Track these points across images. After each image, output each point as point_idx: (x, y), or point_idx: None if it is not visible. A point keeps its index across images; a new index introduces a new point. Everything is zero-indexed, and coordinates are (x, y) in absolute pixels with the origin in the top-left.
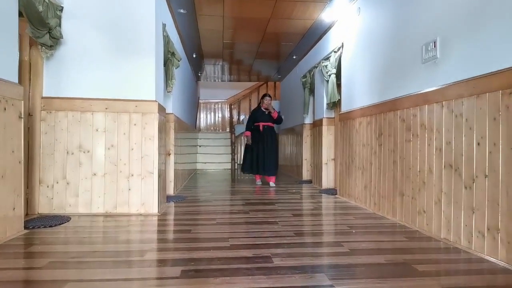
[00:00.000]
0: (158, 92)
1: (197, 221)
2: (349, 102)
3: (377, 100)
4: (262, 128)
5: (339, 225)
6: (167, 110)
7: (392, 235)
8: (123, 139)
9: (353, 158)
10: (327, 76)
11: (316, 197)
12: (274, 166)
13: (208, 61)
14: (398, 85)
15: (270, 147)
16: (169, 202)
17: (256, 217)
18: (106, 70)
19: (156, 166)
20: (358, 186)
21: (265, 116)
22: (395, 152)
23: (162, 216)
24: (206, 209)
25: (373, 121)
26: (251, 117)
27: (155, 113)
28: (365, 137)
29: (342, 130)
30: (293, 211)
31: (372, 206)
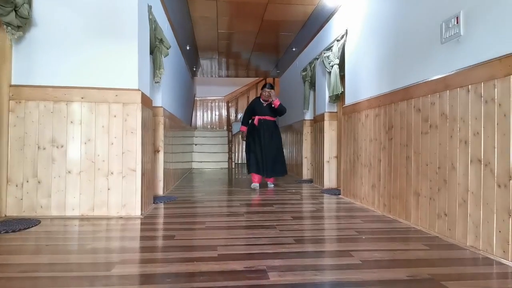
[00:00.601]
0: (142, 81)
1: (184, 225)
2: (354, 94)
3: (386, 89)
4: (258, 122)
5: (346, 229)
6: (156, 103)
7: (408, 242)
8: (102, 133)
9: (358, 154)
10: (329, 67)
11: (318, 198)
12: (275, 166)
13: (203, 55)
14: (412, 71)
15: (269, 143)
16: (157, 203)
17: (251, 220)
18: (83, 55)
19: (139, 163)
20: (364, 185)
21: (264, 108)
22: (408, 147)
23: (146, 220)
24: (196, 211)
25: (382, 113)
26: (248, 109)
27: (138, 104)
28: (372, 131)
29: (346, 124)
30: (293, 213)
31: (381, 207)
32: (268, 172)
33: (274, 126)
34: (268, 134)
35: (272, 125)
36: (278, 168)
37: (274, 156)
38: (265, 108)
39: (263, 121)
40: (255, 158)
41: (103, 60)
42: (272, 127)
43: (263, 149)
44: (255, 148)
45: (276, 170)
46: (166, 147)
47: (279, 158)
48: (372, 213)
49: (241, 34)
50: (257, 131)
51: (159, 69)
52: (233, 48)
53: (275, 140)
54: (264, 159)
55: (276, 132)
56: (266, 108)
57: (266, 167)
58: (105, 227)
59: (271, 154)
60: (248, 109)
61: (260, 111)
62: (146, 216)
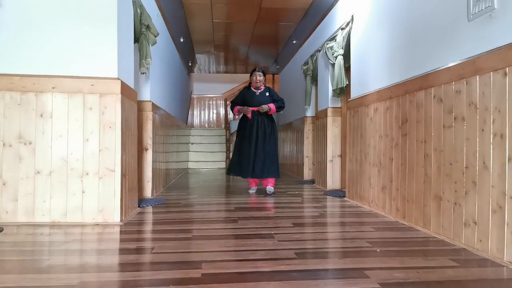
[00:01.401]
0: (123, 69)
1: (167, 234)
2: (361, 86)
3: (399, 78)
4: (252, 114)
5: (356, 240)
6: (143, 97)
7: (432, 257)
8: (76, 128)
9: (366, 153)
10: (333, 58)
11: (321, 200)
12: (268, 165)
13: (199, 48)
14: (431, 56)
15: (263, 142)
16: (143, 206)
17: (246, 227)
18: (55, 39)
19: (118, 162)
20: (373, 187)
21: (257, 98)
22: (427, 143)
23: (125, 227)
24: (185, 217)
25: (394, 106)
26: (238, 97)
27: (117, 95)
28: (382, 126)
29: (352, 120)
30: (293, 218)
31: (393, 212)
32: (256, 172)
33: (270, 121)
34: (264, 130)
35: (268, 120)
36: (271, 168)
37: (266, 157)
38: (258, 98)
39: (257, 114)
40: (240, 158)
41: (77, 45)
42: (268, 122)
43: (255, 147)
44: (244, 146)
45: (269, 170)
46: (156, 145)
47: (274, 158)
48: (383, 219)
49: (238, 24)
50: (249, 126)
51: (146, 59)
52: (230, 41)
53: (270, 139)
54: (254, 159)
55: (272, 128)
56: (260, 98)
57: (254, 167)
58: (76, 237)
59: (264, 154)
60: (238, 98)
61: (252, 102)
62: (127, 222)
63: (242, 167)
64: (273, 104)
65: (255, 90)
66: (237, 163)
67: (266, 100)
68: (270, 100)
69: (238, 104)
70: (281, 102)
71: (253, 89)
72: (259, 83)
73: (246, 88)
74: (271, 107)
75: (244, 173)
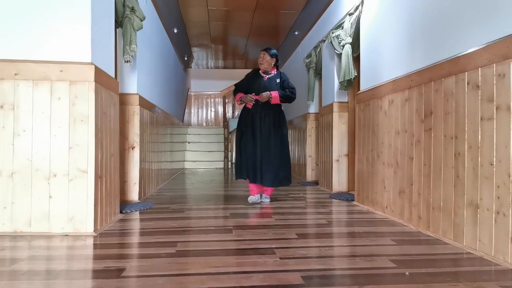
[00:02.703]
0: (98, 52)
1: (147, 248)
2: (373, 76)
3: (421, 64)
4: (255, 102)
5: (376, 257)
6: (129, 89)
7: (477, 282)
8: (41, 121)
9: (379, 151)
10: (340, 48)
11: (327, 205)
12: (276, 171)
13: (195, 41)
14: (464, 34)
15: (268, 138)
16: (126, 212)
17: (242, 239)
18: (17, 17)
19: (92, 161)
20: (388, 190)
21: (263, 84)
22: (458, 139)
23: (100, 239)
24: (172, 225)
25: (414, 96)
26: (242, 85)
27: (90, 82)
28: (400, 120)
29: (362, 114)
30: (297, 228)
31: (415, 221)
32: (264, 178)
33: (277, 112)
34: (268, 124)
35: (274, 111)
36: (281, 174)
37: (275, 157)
38: (265, 84)
39: (261, 104)
40: (246, 158)
41: (45, 25)
42: (275, 113)
43: (259, 146)
44: (247, 143)
45: (279, 177)
46: (145, 143)
47: (283, 160)
48: (402, 229)
49: (236, 12)
50: (251, 119)
51: (130, 45)
52: (228, 32)
53: (278, 134)
54: (260, 159)
55: (280, 121)
56: (266, 85)
57: (262, 171)
58: (36, 251)
59: (271, 154)
60: (241, 85)
61: (256, 89)
62: (103, 233)
63: (249, 170)
64: (276, 92)
65: (264, 75)
66: (245, 165)
67: (274, 88)
68: (279, 88)
69: (241, 89)
70: (290, 90)
71: (261, 73)
72: (265, 65)
73: (254, 72)
74: (273, 95)
75: (252, 178)
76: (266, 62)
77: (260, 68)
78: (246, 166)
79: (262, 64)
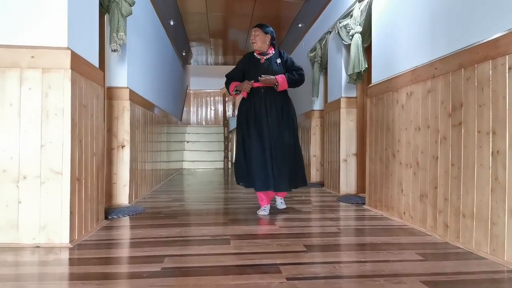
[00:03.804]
0: (77, 37)
1: (127, 265)
2: (387, 67)
3: (447, 50)
4: (252, 92)
5: (404, 278)
6: (118, 82)
7: None
8: (9, 115)
9: (395, 150)
10: (348, 38)
11: (336, 209)
12: (291, 171)
13: (193, 34)
14: (504, 9)
15: (277, 128)
16: (112, 217)
17: (241, 253)
18: None
19: (68, 161)
20: (406, 194)
21: (262, 67)
22: (496, 135)
23: (75, 251)
24: (161, 234)
25: (439, 87)
26: (236, 69)
27: (66, 70)
28: (420, 115)
29: (374, 109)
30: (305, 237)
31: (440, 230)
32: (278, 183)
33: (284, 100)
34: (276, 115)
35: (281, 98)
36: (297, 174)
37: (289, 155)
38: (264, 67)
39: (264, 92)
40: (248, 161)
41: (13, 3)
42: (282, 100)
43: (268, 144)
44: (252, 142)
45: (295, 179)
46: (137, 142)
47: (297, 156)
48: (425, 239)
49: (235, 2)
50: (254, 111)
51: (118, 32)
52: (227, 25)
53: (288, 126)
54: (270, 161)
55: (289, 110)
56: (266, 67)
57: (274, 175)
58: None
59: (284, 151)
60: (234, 74)
61: (257, 74)
62: (81, 243)
63: (254, 175)
64: (282, 76)
65: (260, 56)
66: (245, 169)
67: (277, 70)
68: (283, 69)
69: (235, 78)
70: (298, 72)
71: (256, 55)
72: (258, 44)
73: (248, 55)
74: (279, 81)
75: (259, 185)
76: (259, 40)
77: (254, 49)
78: (250, 171)
79: (254, 43)
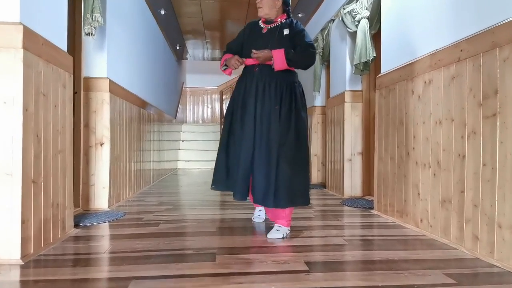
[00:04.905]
0: (33, 10)
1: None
2: (399, 53)
3: (475, 27)
4: (249, 70)
5: None
6: (95, 72)
7: None
8: None
9: (409, 147)
10: (354, 25)
11: (340, 215)
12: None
13: (186, 25)
14: None
15: (268, 121)
16: (84, 225)
17: (228, 273)
18: None
19: (19, 160)
20: (423, 198)
21: (263, 38)
22: None
23: (25, 271)
24: (134, 247)
25: (465, 72)
26: (235, 41)
27: (18, 49)
28: (442, 106)
29: (384, 102)
30: (306, 252)
31: (469, 242)
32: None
33: (285, 85)
34: (264, 103)
35: (279, 82)
36: (288, 187)
37: (274, 159)
38: (265, 39)
39: (257, 71)
40: (229, 158)
41: None
42: (280, 85)
43: (246, 139)
44: (232, 135)
45: (285, 193)
46: (119, 139)
47: (297, 164)
48: (450, 253)
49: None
50: (240, 95)
51: (92, 13)
52: (223, 15)
53: (289, 117)
54: (247, 163)
55: (289, 98)
56: (267, 39)
57: (254, 180)
58: None
59: (267, 153)
60: (233, 45)
61: (251, 46)
62: (36, 259)
63: (232, 175)
64: (280, 51)
65: (264, 25)
66: (224, 169)
67: (279, 42)
68: (289, 42)
69: (233, 50)
70: (304, 48)
71: (261, 23)
72: (264, 10)
73: (251, 23)
74: (275, 56)
75: (238, 193)
76: (266, 4)
77: (259, 16)
78: (227, 171)
79: (260, 8)
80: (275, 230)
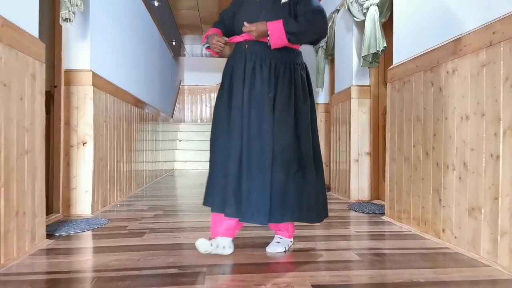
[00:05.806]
0: None
1: None
2: (415, 41)
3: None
4: (238, 48)
5: None
6: (77, 64)
7: None
8: None
9: (428, 147)
10: (361, 14)
11: (348, 222)
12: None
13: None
14: None
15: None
16: (61, 234)
17: None
18: None
19: None
20: (447, 206)
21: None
22: None
23: None
24: (112, 264)
25: (499, 57)
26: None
27: None
28: (470, 98)
29: (398, 96)
30: (312, 271)
31: (504, 258)
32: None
33: (283, 66)
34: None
35: (275, 62)
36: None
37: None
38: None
39: (246, 49)
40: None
41: None
42: (277, 66)
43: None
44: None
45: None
46: (104, 138)
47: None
48: (483, 271)
49: None
50: (227, 80)
51: None
52: (220, 8)
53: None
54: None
55: (288, 82)
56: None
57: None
58: None
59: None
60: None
61: (244, 18)
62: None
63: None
64: (279, 22)
65: None
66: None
67: (276, 13)
68: (287, 11)
69: (224, 21)
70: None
71: None
72: None
73: None
74: (271, 30)
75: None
76: None
77: None
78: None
79: None
80: (276, 243)
